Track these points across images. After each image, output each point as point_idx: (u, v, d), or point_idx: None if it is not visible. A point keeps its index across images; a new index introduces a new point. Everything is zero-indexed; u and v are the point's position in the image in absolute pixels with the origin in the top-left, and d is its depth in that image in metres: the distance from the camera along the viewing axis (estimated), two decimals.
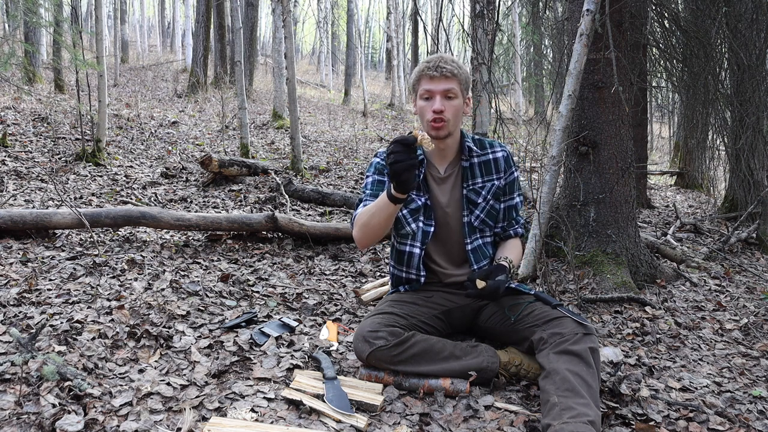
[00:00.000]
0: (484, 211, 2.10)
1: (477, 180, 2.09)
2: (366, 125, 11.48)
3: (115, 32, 17.02)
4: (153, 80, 14.50)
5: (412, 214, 2.08)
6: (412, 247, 2.09)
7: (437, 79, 1.93)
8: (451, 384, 1.85)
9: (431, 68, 1.93)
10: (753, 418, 1.86)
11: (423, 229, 2.08)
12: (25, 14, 6.27)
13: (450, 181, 2.09)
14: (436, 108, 1.92)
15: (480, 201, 2.09)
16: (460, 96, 1.96)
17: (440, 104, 1.93)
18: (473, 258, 2.11)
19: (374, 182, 2.09)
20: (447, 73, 1.92)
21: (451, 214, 2.09)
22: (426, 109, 1.96)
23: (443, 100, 1.93)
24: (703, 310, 2.96)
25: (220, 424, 1.57)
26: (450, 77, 1.93)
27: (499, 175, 2.11)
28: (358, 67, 18.45)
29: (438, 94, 1.93)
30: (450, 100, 1.94)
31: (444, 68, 1.92)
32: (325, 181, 5.85)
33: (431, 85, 1.94)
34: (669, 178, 8.29)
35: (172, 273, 2.79)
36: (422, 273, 2.12)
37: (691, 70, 4.21)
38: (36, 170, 4.80)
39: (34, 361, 1.75)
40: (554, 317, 1.87)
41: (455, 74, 1.93)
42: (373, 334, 1.88)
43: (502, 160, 2.11)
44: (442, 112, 1.93)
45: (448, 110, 1.94)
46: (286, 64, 7.96)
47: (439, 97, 1.93)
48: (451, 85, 1.93)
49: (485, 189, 2.09)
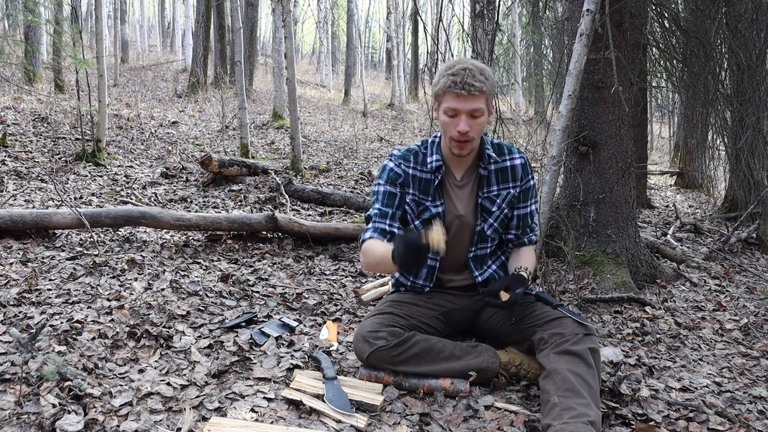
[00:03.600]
0: (497, 220, 2.06)
1: (492, 188, 2.03)
2: (366, 125, 11.48)
3: (115, 32, 17.03)
4: (153, 80, 14.50)
5: (425, 225, 2.02)
6: None
7: (464, 98, 1.81)
8: (451, 384, 1.85)
9: (458, 85, 1.80)
10: (753, 418, 1.86)
11: None
12: (25, 13, 6.28)
13: (467, 189, 2.04)
14: (461, 129, 1.83)
15: (494, 209, 2.04)
16: (486, 112, 1.87)
17: (465, 125, 1.83)
18: (473, 265, 2.09)
19: (386, 194, 2.01)
20: (475, 91, 1.80)
21: (465, 222, 2.04)
22: (450, 126, 1.87)
23: (469, 119, 1.84)
24: (703, 310, 2.96)
25: (220, 424, 1.57)
26: (477, 96, 1.82)
27: (515, 183, 2.05)
28: (358, 67, 18.45)
29: (464, 114, 1.83)
30: (476, 119, 1.85)
31: (472, 87, 1.80)
32: (325, 181, 5.85)
33: (457, 104, 1.83)
34: (669, 178, 8.29)
35: (172, 273, 2.79)
36: (429, 284, 2.10)
37: (691, 70, 4.21)
38: (36, 170, 4.80)
39: (34, 361, 1.75)
40: (555, 317, 1.87)
41: (483, 91, 1.82)
42: (373, 335, 1.88)
43: (520, 168, 2.04)
44: (467, 133, 1.84)
45: (473, 129, 1.85)
46: (286, 64, 7.96)
47: (464, 117, 1.83)
48: (479, 105, 1.83)
49: (500, 197, 2.04)
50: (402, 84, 16.96)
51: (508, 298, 1.87)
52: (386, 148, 8.80)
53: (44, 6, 6.17)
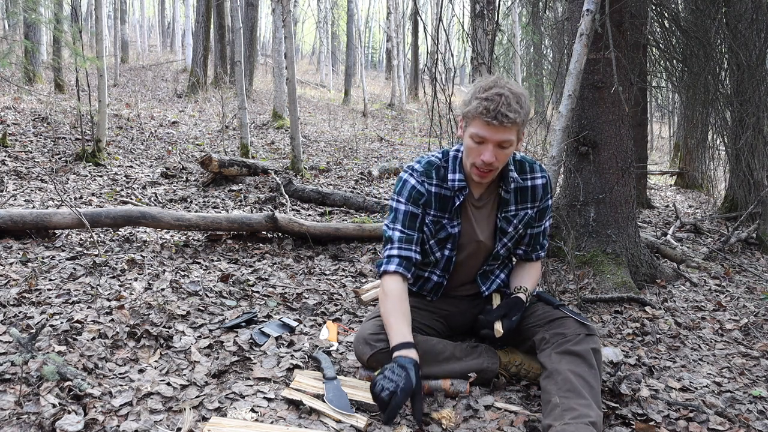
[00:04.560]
0: (512, 240, 2.00)
1: (510, 208, 1.94)
2: (366, 125, 11.48)
3: (115, 32, 17.02)
4: (153, 80, 14.50)
5: (439, 243, 1.95)
6: (431, 274, 2.03)
7: (494, 128, 1.67)
8: (451, 385, 1.85)
9: (490, 113, 1.65)
10: (753, 418, 1.86)
11: (447, 255, 1.97)
12: (25, 11, 6.27)
13: (485, 210, 1.95)
14: (486, 159, 1.71)
15: (510, 230, 1.96)
16: (515, 143, 1.72)
17: (491, 156, 1.70)
18: (480, 280, 2.07)
19: (408, 215, 1.88)
20: (508, 123, 1.65)
21: (480, 243, 1.96)
22: (474, 153, 1.74)
23: (496, 150, 1.71)
24: (703, 310, 2.96)
25: (220, 424, 1.57)
26: (509, 127, 1.67)
27: (534, 204, 1.96)
28: (358, 67, 18.44)
29: (492, 144, 1.70)
30: (503, 150, 1.72)
31: (506, 118, 1.65)
32: (325, 181, 5.85)
33: (486, 133, 1.69)
34: (669, 178, 8.29)
35: (172, 273, 2.79)
36: (434, 297, 2.08)
37: (691, 70, 4.21)
38: (36, 170, 4.80)
39: (34, 361, 1.75)
40: (556, 317, 1.86)
41: (516, 123, 1.67)
42: (374, 337, 1.88)
43: (540, 188, 1.95)
44: (491, 164, 1.73)
45: (499, 160, 1.73)
46: (286, 64, 7.96)
47: (492, 147, 1.70)
48: (509, 137, 1.69)
49: (517, 218, 1.96)
50: (402, 84, 16.96)
51: (501, 334, 1.85)
52: (386, 148, 8.80)
53: (44, 6, 6.17)
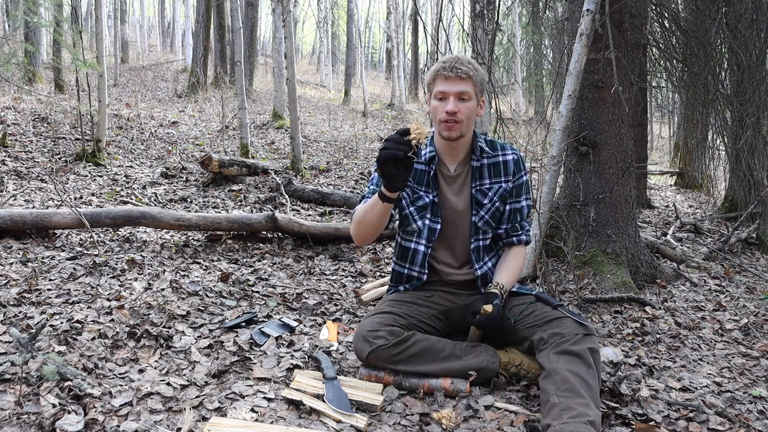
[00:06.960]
0: (489, 213, 2.09)
1: (485, 181, 2.08)
2: (366, 125, 11.48)
3: (115, 32, 17.02)
4: (153, 80, 14.50)
5: (419, 212, 2.08)
6: (417, 245, 2.10)
7: (452, 80, 1.91)
8: (451, 384, 1.85)
9: (447, 68, 1.91)
10: (753, 418, 1.86)
11: (429, 226, 2.08)
12: (26, 14, 6.28)
13: (460, 180, 2.09)
14: (449, 109, 1.91)
15: (486, 202, 2.08)
16: (474, 98, 1.95)
17: (453, 105, 1.91)
18: (474, 257, 2.11)
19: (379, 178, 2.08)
20: (462, 74, 1.90)
21: (459, 213, 2.09)
22: (439, 109, 1.95)
23: (457, 102, 1.92)
24: (703, 310, 2.96)
25: (220, 424, 1.57)
26: (465, 79, 1.91)
27: (507, 178, 2.09)
28: (358, 67, 18.44)
29: (452, 96, 1.92)
30: (464, 102, 1.93)
31: (459, 69, 1.90)
32: (325, 181, 5.85)
33: (446, 86, 1.92)
34: (669, 178, 8.29)
35: (172, 273, 2.79)
36: (425, 271, 2.12)
37: (691, 70, 4.21)
38: (36, 170, 4.80)
39: (34, 361, 1.75)
40: (555, 317, 1.87)
41: (470, 76, 1.92)
42: (372, 334, 1.88)
43: (512, 164, 2.09)
44: (455, 114, 1.92)
45: (462, 112, 1.93)
46: (286, 64, 7.96)
47: (452, 99, 1.92)
48: (466, 87, 1.92)
49: (492, 190, 2.08)
50: (402, 84, 16.96)
51: (492, 308, 1.91)
52: None
53: (45, 7, 6.17)
